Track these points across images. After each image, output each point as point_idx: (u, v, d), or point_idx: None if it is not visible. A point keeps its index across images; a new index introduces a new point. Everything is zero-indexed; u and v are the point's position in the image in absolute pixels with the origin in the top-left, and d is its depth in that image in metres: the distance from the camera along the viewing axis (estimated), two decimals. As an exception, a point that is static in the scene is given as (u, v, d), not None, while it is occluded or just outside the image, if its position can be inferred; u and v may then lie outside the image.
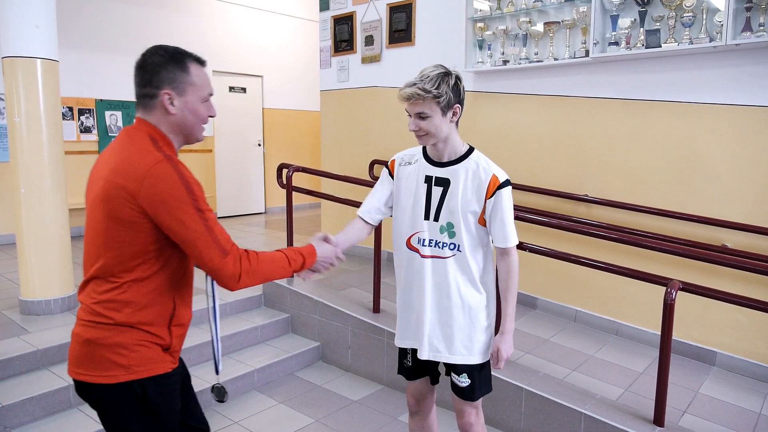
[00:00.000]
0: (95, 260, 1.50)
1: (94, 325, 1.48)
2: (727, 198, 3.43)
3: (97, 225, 1.49)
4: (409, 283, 2.07)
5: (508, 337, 1.97)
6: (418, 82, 1.83)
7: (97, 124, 6.92)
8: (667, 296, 2.51)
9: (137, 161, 1.43)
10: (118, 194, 1.42)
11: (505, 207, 1.92)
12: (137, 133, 1.51)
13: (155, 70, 1.51)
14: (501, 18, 4.28)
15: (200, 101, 1.55)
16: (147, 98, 1.53)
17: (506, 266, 1.96)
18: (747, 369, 3.39)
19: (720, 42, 3.19)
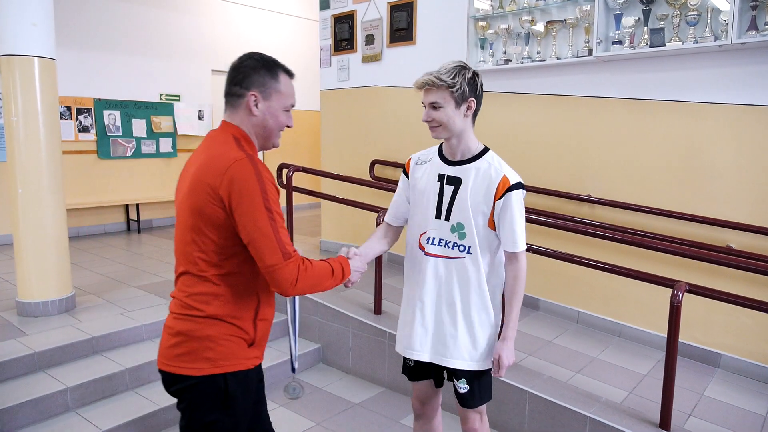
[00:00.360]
0: (185, 255, 1.58)
1: (185, 318, 1.57)
2: (731, 198, 3.39)
3: (185, 221, 1.57)
4: (414, 282, 2.05)
5: (509, 344, 1.91)
6: (435, 72, 1.85)
7: (96, 124, 6.87)
8: (674, 298, 2.48)
9: (221, 159, 1.52)
10: (203, 190, 1.51)
11: (514, 210, 1.87)
12: (222, 135, 1.61)
13: (247, 73, 1.61)
14: (503, 17, 4.24)
15: (282, 109, 1.65)
16: (235, 97, 1.62)
17: (513, 272, 1.92)
18: (751, 371, 3.35)
19: (725, 41, 3.16)
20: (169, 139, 7.58)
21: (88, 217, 6.93)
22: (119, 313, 3.82)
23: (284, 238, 1.52)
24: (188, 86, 7.73)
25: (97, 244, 6.36)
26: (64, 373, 3.12)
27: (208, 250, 1.54)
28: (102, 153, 6.96)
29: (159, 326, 3.66)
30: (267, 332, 1.70)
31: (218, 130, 1.65)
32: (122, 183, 7.20)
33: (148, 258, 5.59)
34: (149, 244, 6.40)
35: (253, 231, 1.48)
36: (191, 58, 7.73)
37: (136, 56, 7.13)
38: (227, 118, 1.66)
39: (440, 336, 1.98)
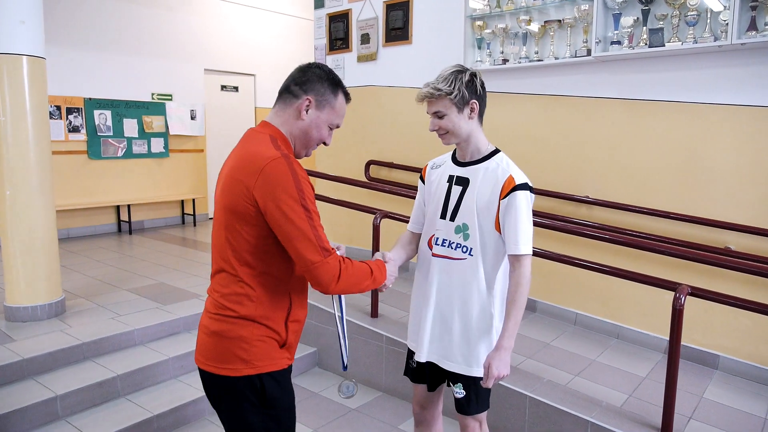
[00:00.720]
0: (221, 254, 1.59)
1: (219, 318, 1.57)
2: (730, 200, 3.37)
3: (220, 220, 1.58)
4: (420, 283, 2.05)
5: (503, 354, 1.82)
6: (433, 82, 1.86)
7: (86, 124, 6.77)
8: (676, 301, 2.45)
9: (256, 157, 1.51)
10: (237, 188, 1.51)
11: (519, 210, 1.82)
12: (258, 135, 1.61)
13: (311, 78, 1.63)
14: (500, 16, 4.20)
15: (328, 124, 1.66)
16: (290, 95, 1.63)
17: (515, 277, 1.86)
18: (750, 373, 3.34)
19: (725, 41, 3.13)
20: (161, 139, 7.49)
21: (78, 219, 6.83)
22: (110, 317, 3.75)
23: (323, 235, 1.51)
24: (180, 86, 7.64)
25: (88, 246, 6.26)
26: (53, 380, 3.05)
27: (241, 249, 1.54)
28: (92, 153, 6.86)
29: (151, 331, 3.60)
30: (299, 334, 1.70)
31: (256, 129, 1.65)
32: (113, 184, 7.11)
33: (140, 260, 5.50)
34: (141, 245, 6.32)
35: (290, 230, 1.47)
36: (184, 57, 7.65)
37: (127, 55, 7.04)
38: (270, 117, 1.66)
39: (440, 337, 1.96)
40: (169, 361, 3.35)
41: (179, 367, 3.39)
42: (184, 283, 4.61)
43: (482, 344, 1.92)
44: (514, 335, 1.86)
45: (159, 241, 6.54)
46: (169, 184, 7.67)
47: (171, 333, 3.68)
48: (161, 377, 3.31)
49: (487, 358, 1.86)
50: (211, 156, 8.11)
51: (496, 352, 1.84)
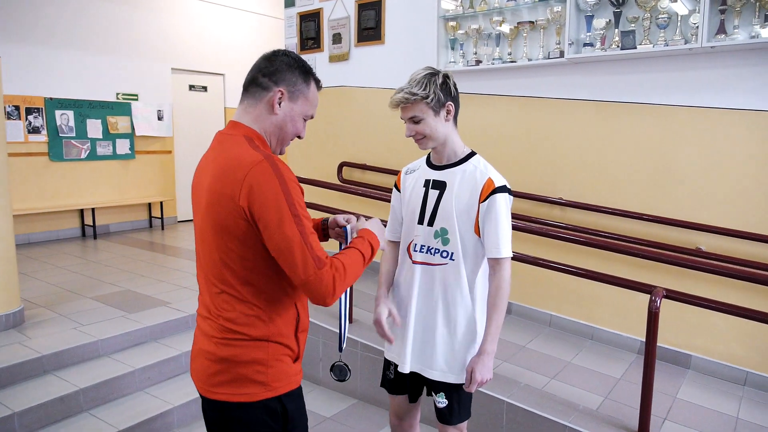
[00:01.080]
0: (217, 277, 1.46)
1: (229, 342, 1.45)
2: (700, 201, 3.41)
3: (209, 241, 1.45)
4: (399, 291, 1.99)
5: (486, 359, 1.80)
6: (406, 87, 1.80)
7: (47, 124, 6.52)
8: (652, 304, 2.44)
9: (236, 165, 1.38)
10: (221, 202, 1.39)
11: (498, 213, 1.79)
12: (232, 138, 1.47)
13: (282, 68, 1.49)
14: (473, 17, 4.18)
15: (302, 116, 1.54)
16: (259, 89, 1.49)
17: (496, 280, 1.83)
18: (722, 372, 3.38)
19: (695, 44, 3.16)
20: (127, 140, 7.27)
21: (39, 223, 6.57)
22: (73, 327, 3.59)
23: (314, 243, 1.39)
24: (147, 85, 7.43)
25: (50, 251, 6.03)
26: (11, 396, 2.89)
27: (238, 268, 1.42)
28: (54, 155, 6.61)
29: (116, 341, 3.46)
30: (305, 343, 1.61)
31: (227, 132, 1.51)
32: (76, 186, 6.87)
33: (105, 266, 5.32)
34: (106, 250, 6.11)
35: (280, 242, 1.35)
36: (150, 55, 7.44)
37: (91, 53, 6.80)
38: (239, 116, 1.51)
39: (422, 346, 1.91)
40: (135, 373, 3.22)
41: (146, 378, 3.26)
42: (151, 289, 4.46)
43: (466, 350, 1.88)
44: (496, 339, 1.83)
45: (125, 246, 6.34)
46: (136, 187, 7.46)
47: (137, 343, 3.54)
48: (127, 390, 3.17)
49: (470, 362, 1.84)
50: (180, 157, 7.92)
51: (479, 357, 1.81)
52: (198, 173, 1.54)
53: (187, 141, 7.98)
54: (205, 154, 1.54)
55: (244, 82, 1.52)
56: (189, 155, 8.01)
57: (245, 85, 1.51)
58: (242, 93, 1.53)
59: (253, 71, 1.51)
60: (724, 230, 3.31)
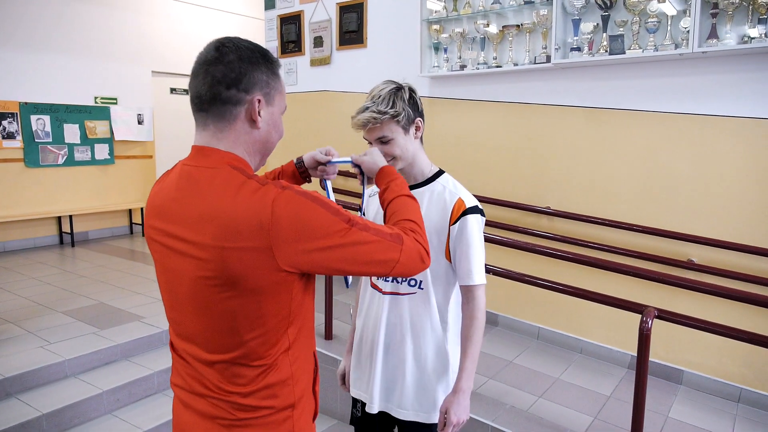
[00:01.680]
0: (226, 348, 1.15)
1: (248, 423, 1.17)
2: (692, 211, 3.30)
3: (215, 307, 1.12)
4: (364, 323, 1.82)
5: (461, 397, 1.63)
6: (370, 105, 1.61)
7: (22, 130, 6.32)
8: (643, 325, 2.32)
9: (248, 209, 1.06)
10: (249, 260, 1.07)
11: (470, 237, 1.64)
12: (213, 172, 1.13)
13: (245, 69, 1.13)
14: (457, 20, 4.05)
15: (281, 114, 1.24)
16: (229, 105, 1.14)
17: (469, 310, 1.68)
18: (715, 388, 3.27)
19: (686, 49, 3.04)
20: (106, 145, 7.07)
21: (14, 231, 6.37)
22: (40, 345, 3.42)
23: (380, 228, 1.17)
24: (126, 89, 7.24)
25: (25, 260, 5.84)
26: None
27: (267, 330, 1.14)
28: (30, 161, 6.41)
29: (84, 360, 3.30)
30: None
31: (201, 164, 1.15)
32: (53, 193, 6.66)
33: (80, 276, 5.14)
34: (83, 259, 5.92)
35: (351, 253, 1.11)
36: (130, 58, 7.24)
37: (67, 56, 6.60)
38: (208, 140, 1.16)
39: (392, 384, 1.75)
40: (102, 395, 3.06)
41: (114, 401, 3.10)
42: (125, 302, 4.30)
43: (439, 387, 1.74)
44: (472, 375, 1.68)
45: (103, 254, 6.15)
46: (116, 193, 7.26)
47: (106, 362, 3.38)
48: (93, 413, 3.01)
49: (444, 402, 1.66)
50: (161, 162, 7.73)
51: (454, 396, 1.65)
52: (161, 216, 1.18)
53: (169, 145, 7.80)
54: (165, 191, 1.20)
55: (197, 100, 1.16)
56: (171, 160, 7.81)
57: (201, 104, 1.15)
58: (198, 114, 1.17)
59: (208, 82, 1.13)
60: (717, 242, 3.20)
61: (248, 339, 1.13)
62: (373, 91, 1.64)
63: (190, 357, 1.20)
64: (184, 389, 1.22)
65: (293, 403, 1.20)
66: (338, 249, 1.10)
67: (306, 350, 1.24)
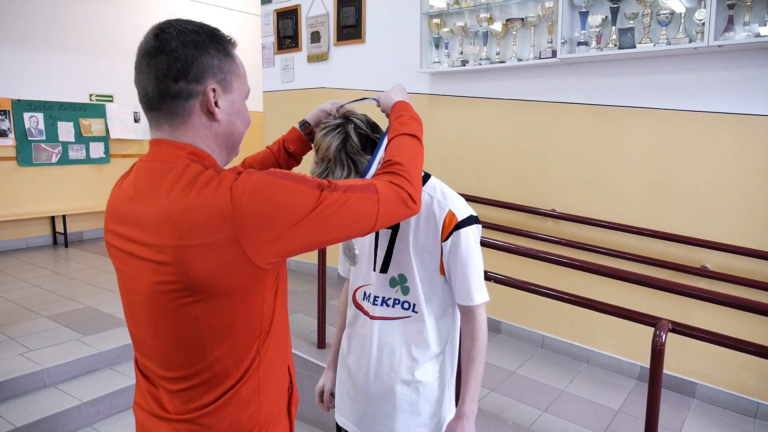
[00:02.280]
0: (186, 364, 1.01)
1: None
2: (706, 215, 3.11)
3: (174, 317, 0.99)
4: (350, 347, 1.64)
5: (465, 424, 1.47)
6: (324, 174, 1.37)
7: (15, 127, 6.19)
8: (656, 339, 2.13)
9: (205, 200, 0.93)
10: (213, 257, 0.93)
11: (465, 252, 1.45)
12: (169, 165, 0.99)
13: (192, 55, 0.99)
14: (459, 14, 3.87)
15: (244, 99, 1.10)
16: (180, 100, 1.00)
17: (469, 332, 1.50)
18: (730, 402, 3.08)
19: (701, 43, 2.86)
20: (101, 143, 6.94)
21: (7, 231, 6.24)
22: (19, 353, 3.27)
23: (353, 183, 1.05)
24: (122, 86, 7.10)
25: (17, 261, 5.70)
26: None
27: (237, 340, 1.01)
28: (22, 160, 6.28)
29: (65, 369, 3.15)
30: None
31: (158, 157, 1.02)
32: (47, 192, 6.53)
33: (70, 278, 4.99)
34: (76, 260, 5.78)
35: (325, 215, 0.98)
36: (126, 55, 7.09)
37: (62, 53, 6.47)
38: (169, 137, 1.03)
39: (384, 414, 1.57)
40: (82, 407, 2.90)
41: (95, 412, 2.95)
42: (113, 307, 4.14)
43: (436, 414, 1.57)
44: (476, 399, 1.51)
45: (97, 255, 6.01)
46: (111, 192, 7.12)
47: (88, 371, 3.23)
48: (72, 426, 2.86)
49: (447, 429, 1.51)
50: (158, 161, 7.59)
51: (458, 422, 1.48)
52: (119, 219, 1.06)
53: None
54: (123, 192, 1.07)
55: (145, 98, 1.02)
56: (168, 159, 7.70)
57: (150, 103, 1.02)
58: (149, 114, 1.04)
59: (152, 78, 0.99)
60: (732, 247, 3.02)
61: (213, 352, 1.00)
62: (319, 149, 1.39)
63: (153, 375, 1.08)
64: (145, 410, 1.10)
65: (259, 426, 1.06)
66: (313, 219, 0.97)
67: (278, 365, 1.10)
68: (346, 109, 1.44)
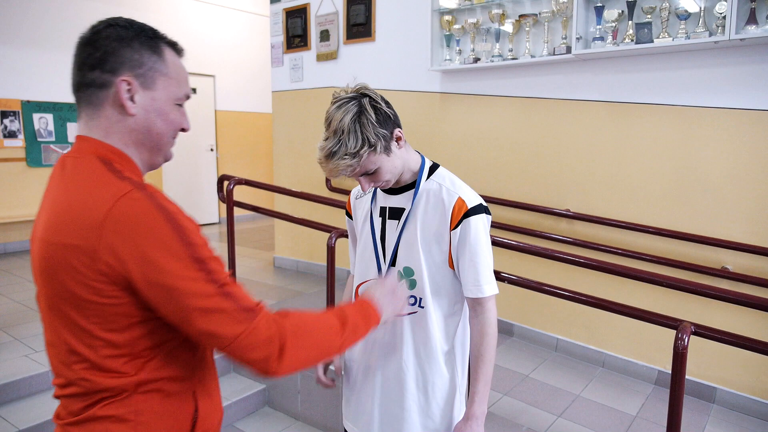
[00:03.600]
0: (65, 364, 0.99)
1: None
2: (727, 214, 3.02)
3: (54, 312, 0.99)
4: (359, 350, 1.59)
5: (474, 425, 1.41)
6: (335, 147, 1.32)
7: (24, 128, 6.18)
8: (678, 342, 2.05)
9: (88, 201, 0.93)
10: (66, 261, 0.92)
11: (475, 242, 1.40)
12: (78, 161, 1.00)
13: (112, 47, 1.02)
14: (471, 10, 3.80)
15: (172, 102, 1.08)
16: (93, 89, 1.02)
17: (479, 326, 1.44)
18: (752, 408, 2.98)
19: (722, 37, 2.77)
20: (110, 144, 6.92)
21: (15, 232, 6.23)
22: (24, 354, 3.23)
23: (236, 291, 0.96)
24: (131, 87, 7.08)
25: (25, 262, 5.68)
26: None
27: (101, 356, 0.96)
28: (32, 161, 6.27)
29: (70, 370, 3.09)
30: None
31: (71, 155, 1.03)
32: (56, 193, 6.52)
33: (78, 280, 4.96)
34: (84, 261, 5.76)
35: (186, 303, 0.91)
36: (135, 56, 7.09)
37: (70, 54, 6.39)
38: (82, 128, 1.04)
39: (392, 415, 1.51)
40: (86, 409, 2.85)
41: None
42: (120, 308, 4.10)
43: (446, 415, 1.50)
44: (486, 399, 1.44)
45: (105, 257, 5.98)
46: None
47: (94, 372, 3.18)
48: (76, 429, 2.80)
49: (455, 430, 1.45)
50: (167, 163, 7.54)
51: (466, 423, 1.42)
52: (38, 215, 1.05)
53: (176, 145, 7.55)
54: (47, 186, 1.06)
55: (72, 86, 1.06)
56: (177, 160, 7.65)
57: (73, 90, 1.06)
58: (76, 99, 1.06)
59: (76, 66, 1.04)
60: (754, 248, 2.92)
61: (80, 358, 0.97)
62: (332, 120, 1.35)
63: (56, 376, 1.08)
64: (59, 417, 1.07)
65: None
66: (166, 287, 0.91)
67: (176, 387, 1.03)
68: (360, 84, 1.40)
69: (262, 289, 4.54)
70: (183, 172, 7.78)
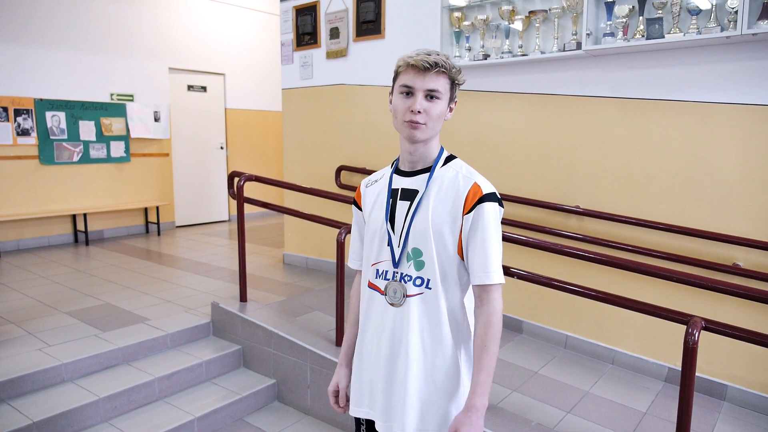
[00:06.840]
0: None
1: None
2: (738, 210, 3.00)
3: None
4: (365, 330, 1.59)
5: (474, 417, 1.39)
6: (433, 51, 1.44)
7: (37, 126, 6.25)
8: (689, 337, 2.04)
9: None
10: None
11: (487, 227, 1.41)
12: None
13: None
14: (480, 6, 3.80)
15: None
16: None
17: (485, 314, 1.44)
18: (763, 405, 2.96)
19: (734, 32, 2.75)
20: (122, 142, 6.98)
21: (29, 229, 6.30)
22: (38, 348, 3.27)
23: None
24: (143, 85, 7.15)
25: (37, 259, 5.75)
26: None
27: None
28: (45, 158, 6.34)
29: (83, 364, 3.14)
30: None
31: None
32: (68, 191, 6.59)
33: (90, 276, 5.01)
34: (96, 258, 5.81)
35: None
36: (146, 54, 7.15)
37: (83, 52, 6.53)
38: None
39: (398, 400, 1.51)
40: (99, 402, 2.88)
41: (111, 408, 2.93)
42: (132, 303, 4.14)
43: (451, 403, 1.50)
44: (488, 391, 1.42)
45: (117, 253, 6.04)
46: (131, 191, 7.17)
47: (106, 366, 3.21)
48: (88, 422, 2.84)
49: (454, 422, 1.42)
50: (178, 160, 7.62)
51: (466, 414, 1.40)
52: None
53: (186, 143, 7.69)
54: None
55: None
56: (187, 158, 7.73)
57: None
58: None
59: None
60: (766, 244, 2.90)
61: None
62: (424, 49, 1.47)
63: None
64: None
65: None
66: None
67: None
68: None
69: (272, 286, 4.56)
70: (193, 169, 7.83)
